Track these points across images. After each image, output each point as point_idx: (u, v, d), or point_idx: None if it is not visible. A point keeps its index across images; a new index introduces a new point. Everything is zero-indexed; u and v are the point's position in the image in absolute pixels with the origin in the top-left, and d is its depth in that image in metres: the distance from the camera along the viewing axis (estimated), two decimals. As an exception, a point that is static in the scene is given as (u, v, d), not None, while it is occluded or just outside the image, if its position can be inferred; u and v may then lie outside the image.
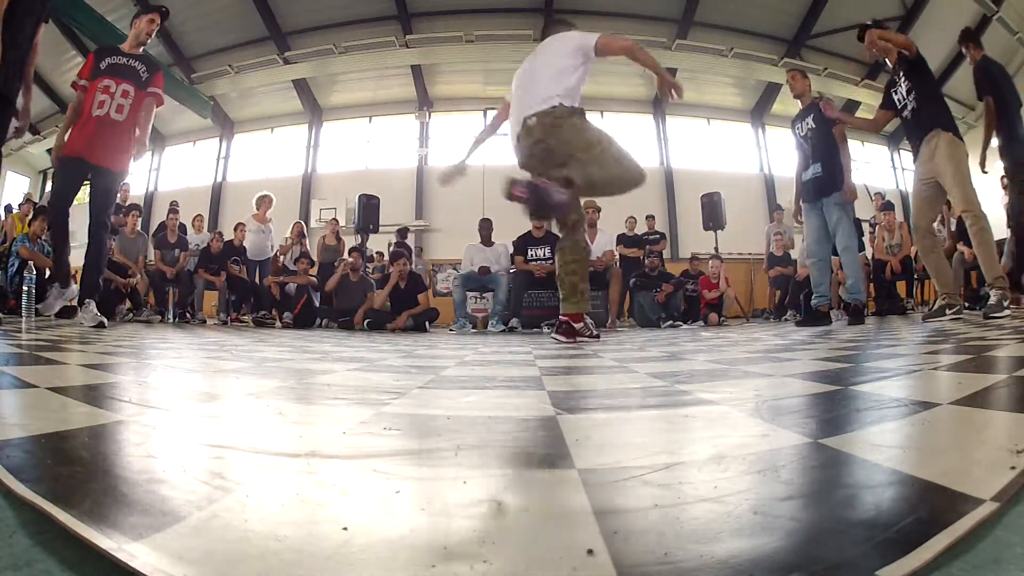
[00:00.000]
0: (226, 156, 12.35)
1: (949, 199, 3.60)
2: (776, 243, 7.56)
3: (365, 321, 5.70)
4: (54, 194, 3.63)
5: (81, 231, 3.51)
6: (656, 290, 6.12)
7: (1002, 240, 4.31)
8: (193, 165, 12.55)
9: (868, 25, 3.76)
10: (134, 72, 3.56)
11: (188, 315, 6.59)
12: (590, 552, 0.31)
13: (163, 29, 9.50)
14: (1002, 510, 0.36)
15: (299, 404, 0.93)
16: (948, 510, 0.36)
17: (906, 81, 3.57)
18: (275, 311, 6.35)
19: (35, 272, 3.84)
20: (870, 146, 11.88)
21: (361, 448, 0.58)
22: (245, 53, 10.65)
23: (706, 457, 0.52)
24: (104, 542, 0.33)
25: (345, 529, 0.35)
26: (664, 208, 11.08)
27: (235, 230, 7.00)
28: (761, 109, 11.85)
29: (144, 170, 12.23)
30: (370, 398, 0.93)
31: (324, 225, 8.56)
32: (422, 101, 11.65)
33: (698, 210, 8.64)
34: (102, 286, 3.69)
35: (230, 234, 7.01)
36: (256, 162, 12.32)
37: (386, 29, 10.27)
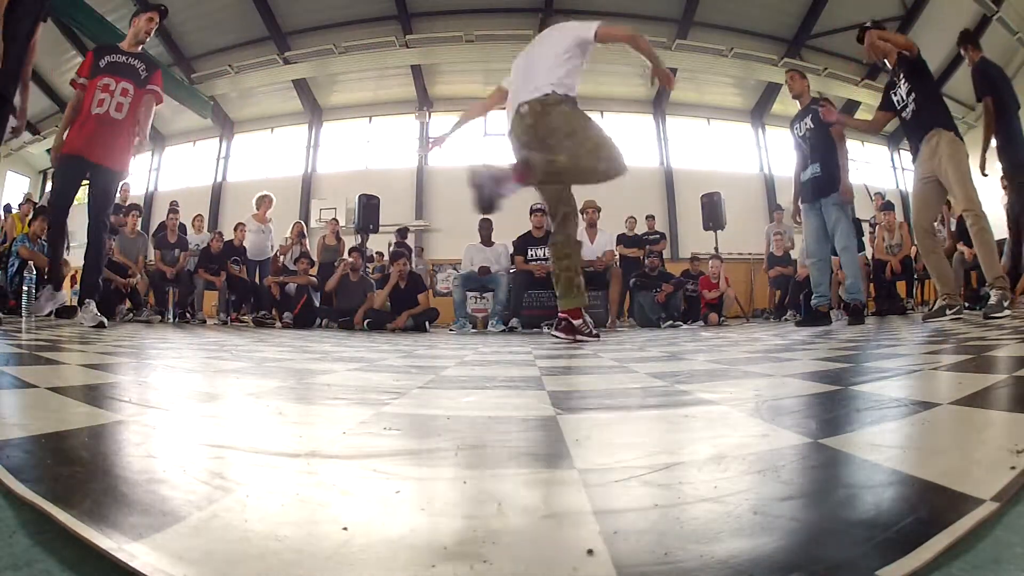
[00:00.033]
0: (226, 156, 12.35)
1: (949, 198, 3.59)
2: (776, 243, 7.55)
3: (365, 321, 5.70)
4: (54, 193, 3.61)
5: (81, 231, 3.50)
6: (656, 290, 6.11)
7: (1002, 240, 4.31)
8: (193, 165, 12.56)
9: (867, 27, 3.76)
10: (133, 70, 3.54)
11: (188, 315, 6.59)
12: (590, 552, 0.31)
13: (163, 29, 9.59)
14: (1002, 510, 0.36)
15: (299, 404, 0.93)
16: (948, 510, 0.36)
17: (906, 82, 3.56)
18: (275, 311, 6.35)
19: (35, 272, 3.84)
20: (870, 146, 11.88)
21: (361, 448, 0.58)
22: (245, 53, 10.65)
23: (706, 457, 0.52)
24: (104, 542, 0.33)
25: (345, 529, 0.35)
26: (664, 208, 11.09)
27: (235, 230, 7.00)
28: (761, 109, 11.85)
29: (144, 170, 12.25)
30: (370, 398, 0.93)
31: (324, 225, 8.56)
32: (422, 101, 11.65)
33: (698, 210, 8.65)
34: (102, 286, 3.69)
35: (230, 234, 7.01)
36: (256, 162, 12.32)
37: (386, 29, 10.27)
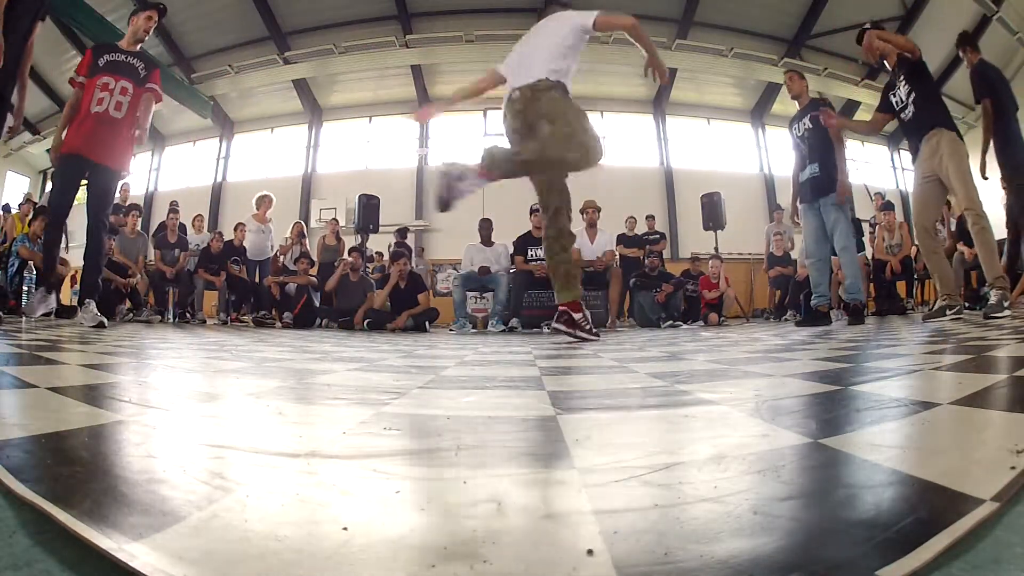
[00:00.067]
0: (226, 156, 12.35)
1: (950, 198, 3.59)
2: (776, 243, 7.55)
3: (365, 321, 5.70)
4: (54, 192, 3.60)
5: (81, 231, 3.49)
6: (656, 290, 6.12)
7: (1002, 240, 4.31)
8: (193, 165, 12.55)
9: (867, 28, 3.76)
10: (132, 69, 3.53)
11: (188, 315, 6.59)
12: (590, 552, 0.31)
13: (163, 29, 9.59)
14: (1002, 510, 0.36)
15: (299, 404, 0.93)
16: (948, 510, 0.36)
17: (906, 83, 3.56)
18: (275, 311, 6.35)
19: (35, 272, 3.84)
20: (870, 146, 11.89)
21: (361, 448, 0.58)
22: (245, 53, 10.65)
23: (706, 457, 0.52)
24: (104, 542, 0.33)
25: (345, 529, 0.35)
26: (664, 208, 11.09)
27: (235, 230, 7.00)
28: (761, 109, 11.85)
29: (144, 170, 12.25)
30: (370, 398, 0.93)
31: (324, 225, 8.56)
32: (422, 101, 11.63)
33: (698, 210, 8.65)
34: (102, 286, 3.68)
35: (230, 234, 7.01)
36: (256, 162, 12.32)
37: (386, 29, 10.27)
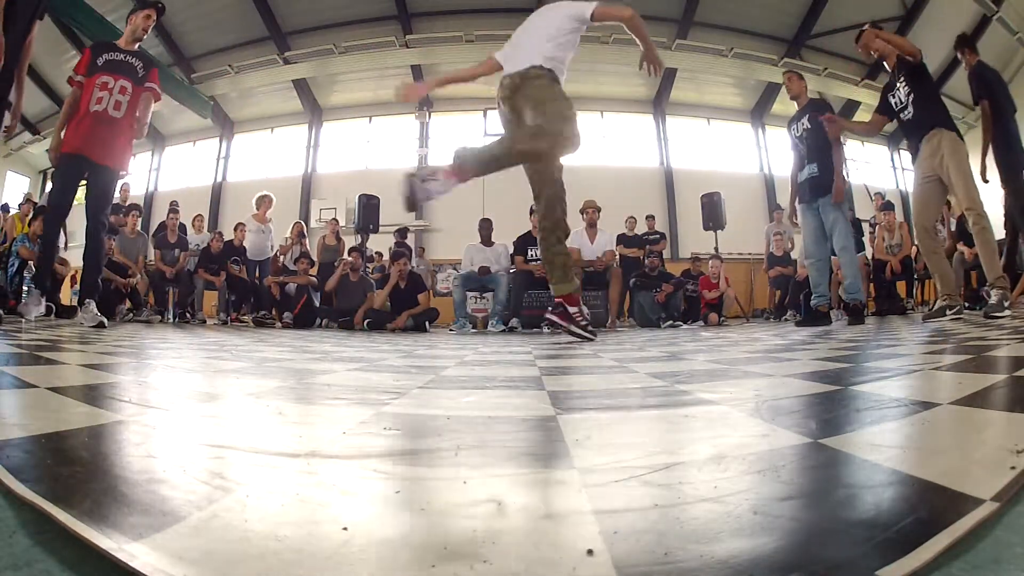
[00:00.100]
0: (226, 156, 12.35)
1: (950, 198, 3.59)
2: (776, 243, 7.56)
3: (365, 321, 5.70)
4: (54, 192, 3.59)
5: (81, 231, 3.49)
6: (656, 290, 6.11)
7: (1001, 240, 4.32)
8: (193, 165, 12.55)
9: (866, 29, 3.76)
10: (131, 68, 3.52)
11: (188, 315, 6.59)
12: (590, 552, 0.31)
13: (163, 29, 9.59)
14: (1002, 510, 0.36)
15: (299, 404, 0.93)
16: (948, 510, 0.36)
17: (905, 85, 3.56)
18: (275, 311, 6.35)
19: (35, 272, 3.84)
20: (870, 146, 11.89)
21: (361, 448, 0.58)
22: (245, 53, 10.65)
23: (706, 457, 0.52)
24: (104, 542, 0.33)
25: (345, 529, 0.35)
26: (664, 208, 11.09)
27: (235, 230, 7.00)
28: (761, 109, 11.85)
29: (144, 170, 12.25)
30: (370, 398, 0.93)
31: (324, 225, 8.56)
32: (422, 101, 11.63)
33: (698, 210, 8.65)
34: (102, 286, 3.68)
35: (230, 234, 7.02)
36: (256, 162, 12.31)
37: (386, 29, 10.27)
